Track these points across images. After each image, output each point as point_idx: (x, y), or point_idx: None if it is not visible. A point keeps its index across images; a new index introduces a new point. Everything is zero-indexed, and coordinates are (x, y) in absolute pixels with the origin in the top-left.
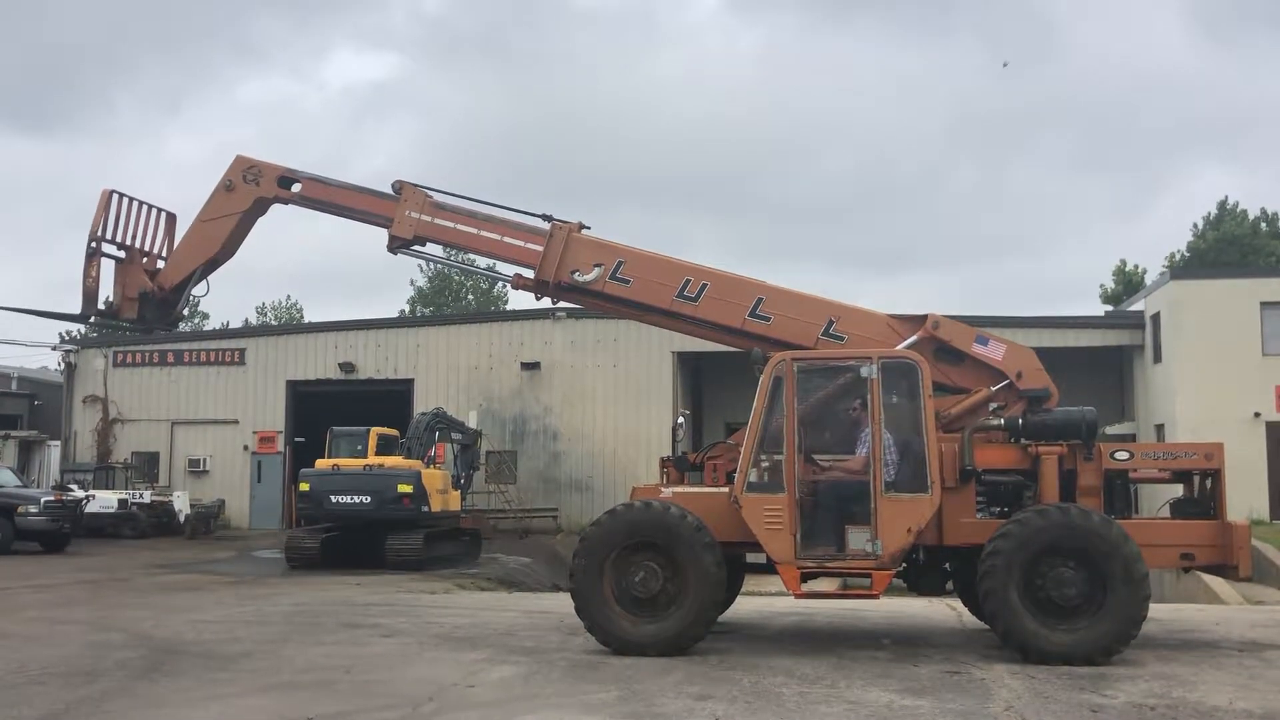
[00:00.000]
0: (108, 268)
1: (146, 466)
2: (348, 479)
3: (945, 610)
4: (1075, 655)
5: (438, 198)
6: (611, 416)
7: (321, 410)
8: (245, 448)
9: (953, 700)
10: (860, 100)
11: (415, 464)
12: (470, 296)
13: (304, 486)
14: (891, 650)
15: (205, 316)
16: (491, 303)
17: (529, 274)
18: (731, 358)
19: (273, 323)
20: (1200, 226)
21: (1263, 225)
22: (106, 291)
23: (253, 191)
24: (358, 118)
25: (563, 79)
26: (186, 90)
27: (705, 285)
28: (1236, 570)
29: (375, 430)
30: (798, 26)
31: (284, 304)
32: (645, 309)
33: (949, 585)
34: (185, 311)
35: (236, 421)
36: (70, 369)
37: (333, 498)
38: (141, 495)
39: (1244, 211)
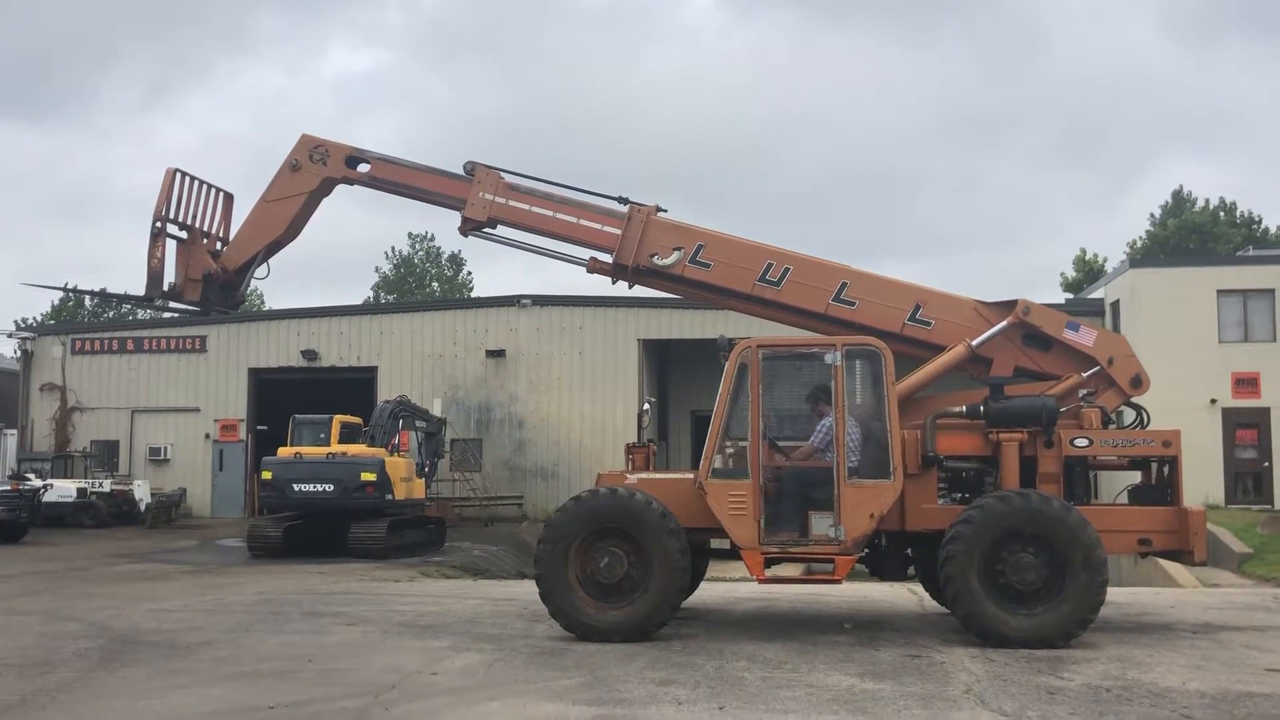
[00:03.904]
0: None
1: (106, 455)
2: (311, 467)
3: (907, 595)
4: (1034, 639)
5: (509, 179)
6: (577, 404)
7: (284, 398)
8: (207, 436)
9: (913, 683)
10: (846, 98)
11: (379, 452)
12: (435, 284)
13: (266, 475)
14: (853, 635)
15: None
16: (456, 290)
17: (606, 258)
18: (697, 345)
19: None
20: (1158, 216)
21: (1221, 214)
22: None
23: (320, 171)
24: (349, 112)
25: (556, 76)
26: (176, 80)
27: (788, 269)
28: (1192, 555)
29: (338, 418)
30: (790, 27)
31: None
32: (725, 293)
33: (911, 570)
34: (245, 294)
35: (198, 409)
36: (27, 356)
37: (295, 486)
38: (101, 484)
39: (1203, 200)
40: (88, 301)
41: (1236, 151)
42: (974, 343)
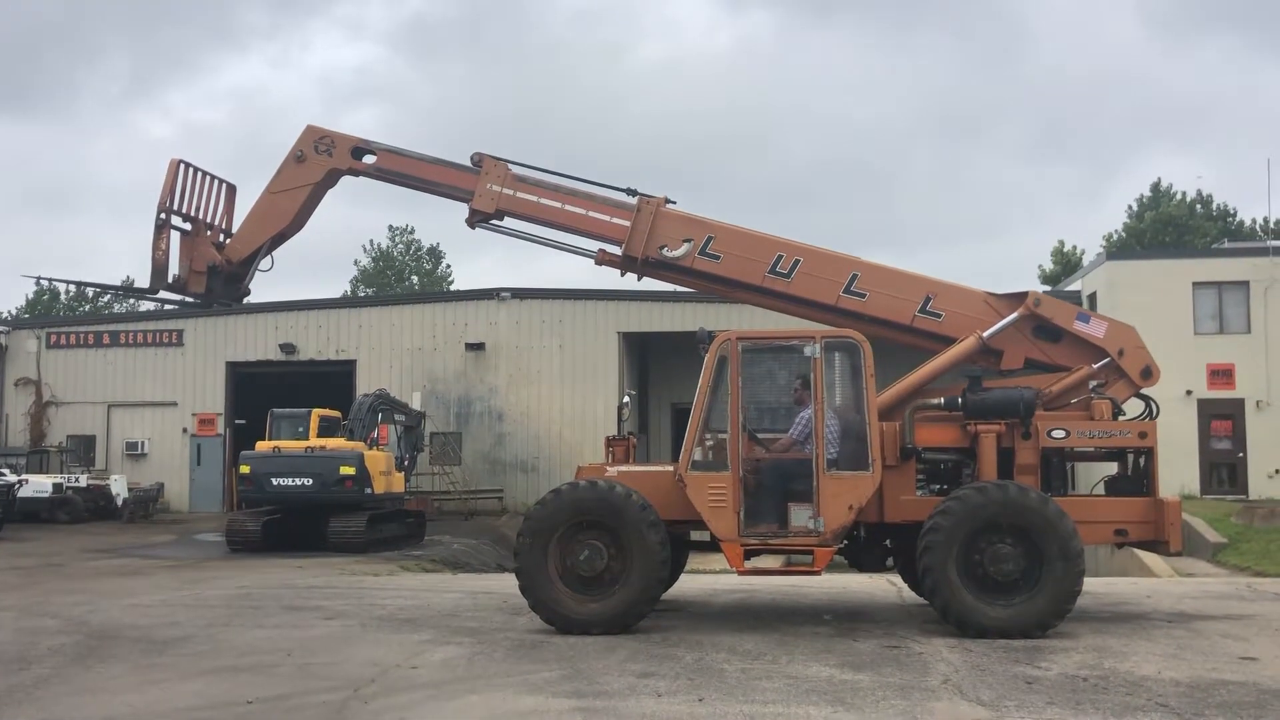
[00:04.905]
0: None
1: (82, 450)
2: (289, 461)
3: (886, 586)
4: (1012, 629)
5: (517, 170)
6: (557, 397)
7: (262, 392)
8: (184, 430)
9: (892, 674)
10: (831, 93)
11: (358, 446)
12: (414, 277)
13: (245, 469)
14: (833, 626)
15: (139, 297)
16: (436, 284)
17: (614, 250)
18: (677, 338)
19: None
20: (1136, 208)
21: (1198, 207)
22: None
23: (325, 163)
24: (332, 106)
25: (541, 70)
26: (158, 73)
27: (798, 261)
28: (1168, 545)
29: (317, 412)
30: (774, 22)
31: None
32: (735, 285)
33: (890, 562)
34: (251, 286)
35: (175, 404)
36: (1, 350)
37: (274, 480)
38: (77, 479)
39: (1181, 193)
40: (63, 291)
41: (1214, 145)
42: (985, 334)
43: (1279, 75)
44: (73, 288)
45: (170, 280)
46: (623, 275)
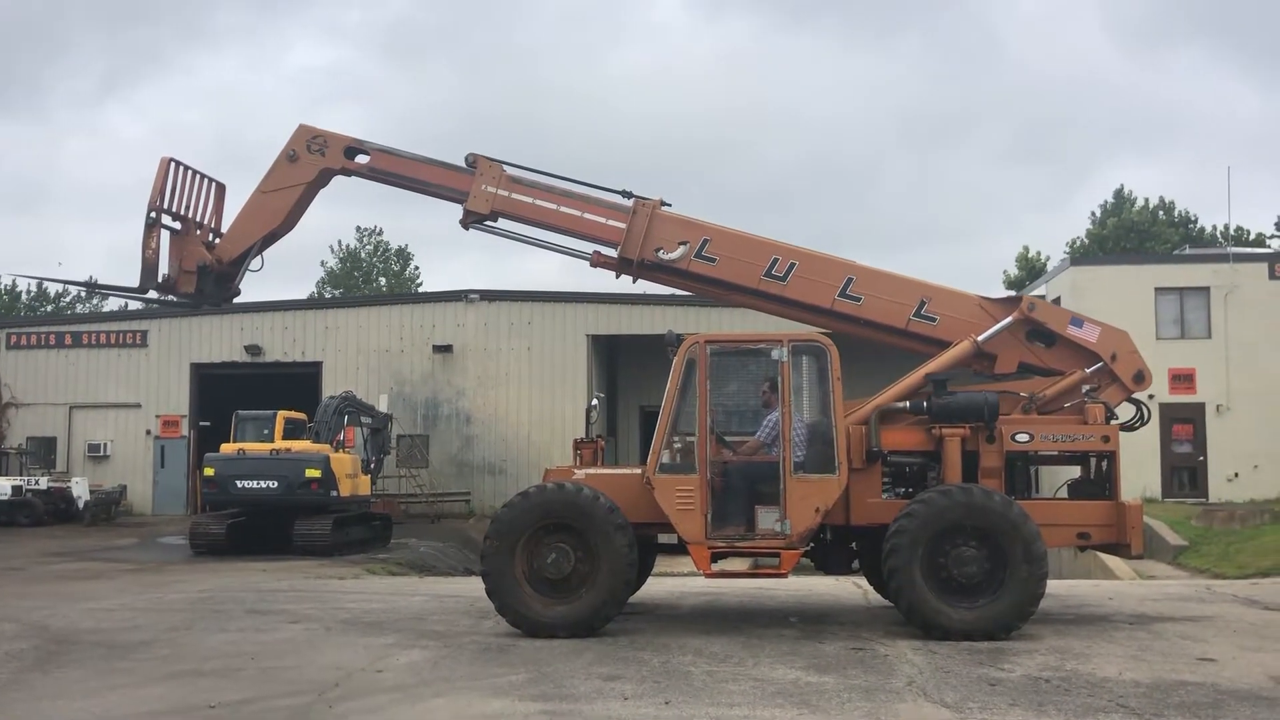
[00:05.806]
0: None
1: (43, 452)
2: (254, 464)
3: (852, 588)
4: (976, 631)
5: (512, 171)
6: (525, 399)
7: (227, 394)
8: (148, 432)
9: (857, 676)
10: (810, 99)
11: (324, 448)
12: (382, 279)
13: (209, 471)
14: (799, 628)
15: (104, 297)
16: (404, 285)
17: (610, 252)
18: (645, 340)
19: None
20: (1099, 214)
21: (1160, 214)
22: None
23: (318, 162)
24: (309, 107)
25: (522, 74)
26: (131, 73)
27: (794, 264)
28: (1129, 548)
29: (282, 414)
30: (755, 28)
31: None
32: (731, 288)
33: (855, 564)
34: (241, 286)
35: (139, 405)
36: None
37: (239, 483)
38: (37, 482)
39: (1143, 199)
40: (24, 290)
41: (1179, 153)
42: (979, 338)
43: (1242, 85)
44: (34, 286)
45: (160, 279)
46: (618, 277)
